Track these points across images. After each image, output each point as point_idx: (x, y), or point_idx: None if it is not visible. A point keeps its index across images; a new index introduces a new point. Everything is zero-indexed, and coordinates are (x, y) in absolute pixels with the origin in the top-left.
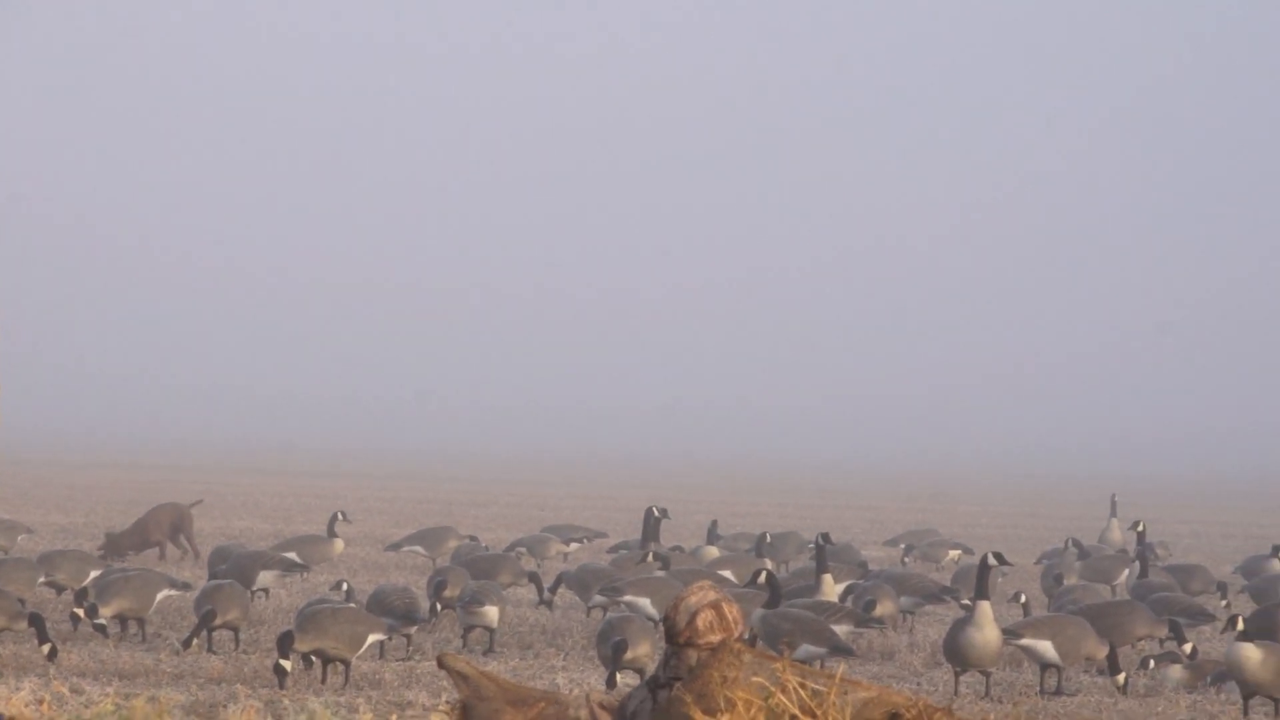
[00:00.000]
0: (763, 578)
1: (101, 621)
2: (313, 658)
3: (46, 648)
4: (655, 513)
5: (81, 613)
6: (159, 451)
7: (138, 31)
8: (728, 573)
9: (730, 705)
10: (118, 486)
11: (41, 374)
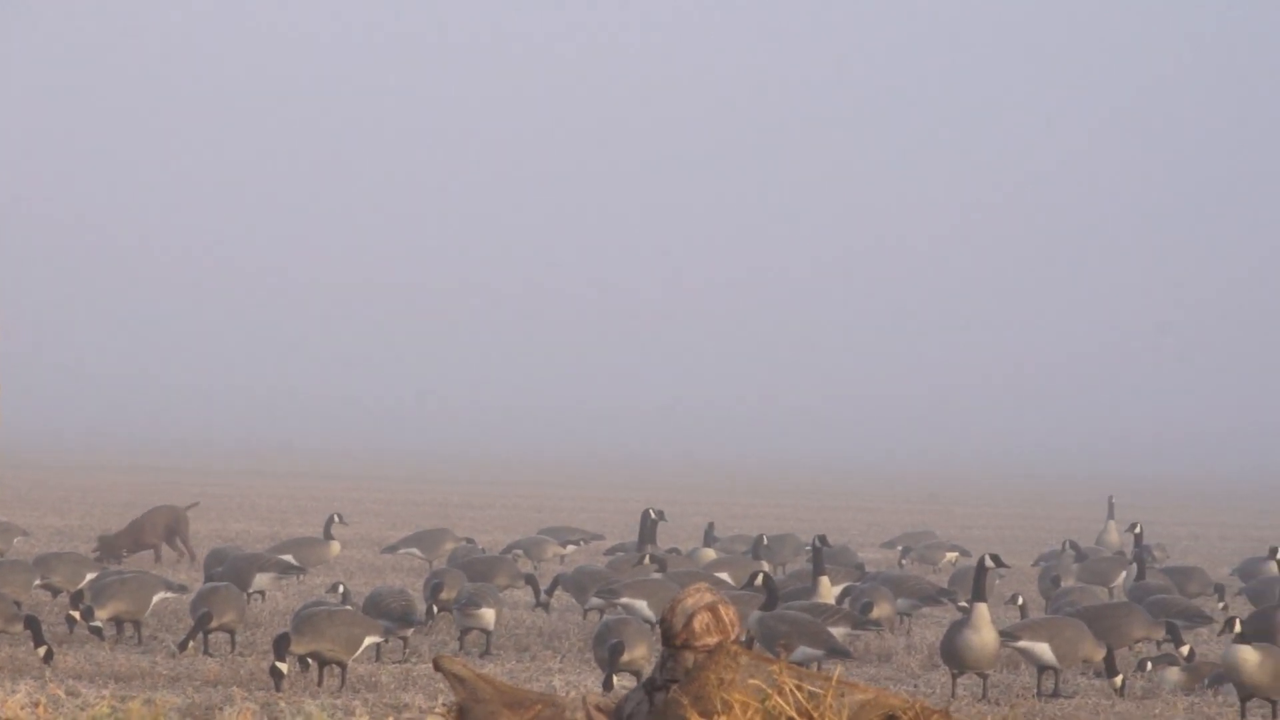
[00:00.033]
0: (759, 580)
1: (97, 624)
2: (309, 660)
3: (42, 650)
4: (652, 515)
5: (78, 615)
6: (157, 453)
7: (138, 31)
8: (724, 575)
9: (727, 707)
10: (114, 489)
11: (41, 374)
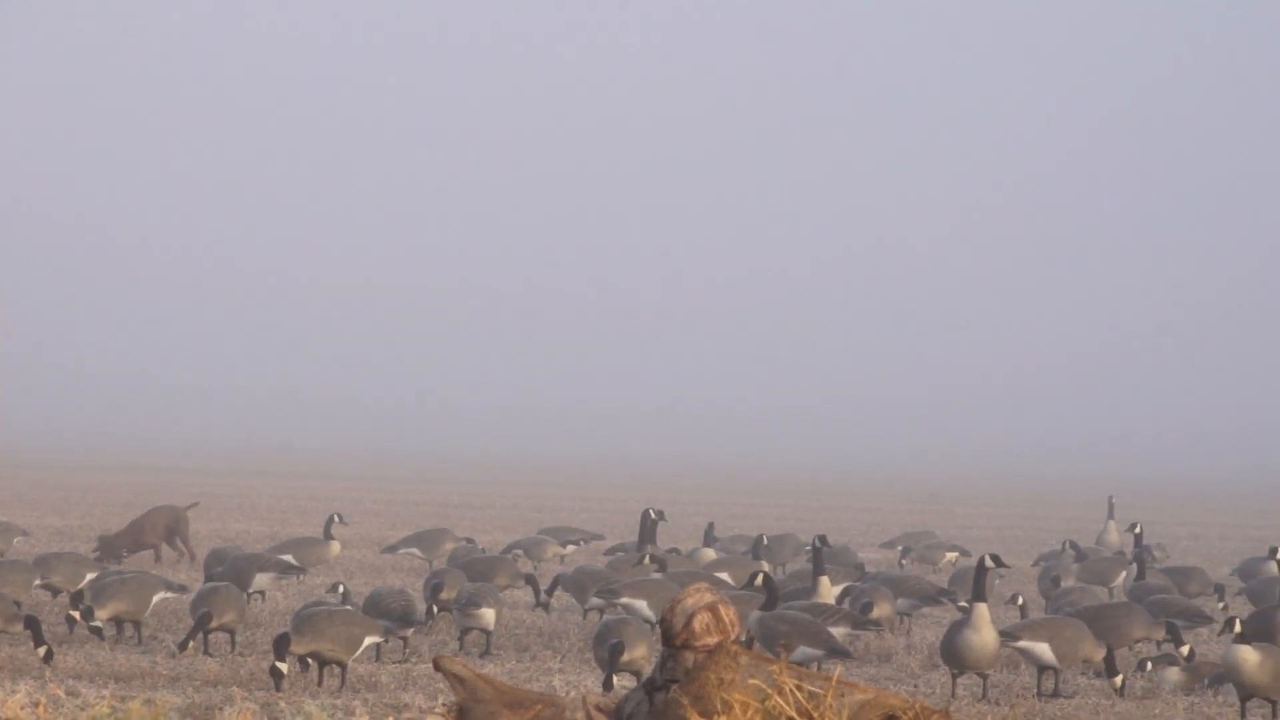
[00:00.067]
0: (759, 580)
1: (97, 624)
2: (309, 660)
3: (42, 650)
4: (652, 515)
5: (78, 615)
6: (157, 453)
7: (138, 31)
8: (724, 575)
9: (727, 707)
10: (114, 489)
11: (41, 374)
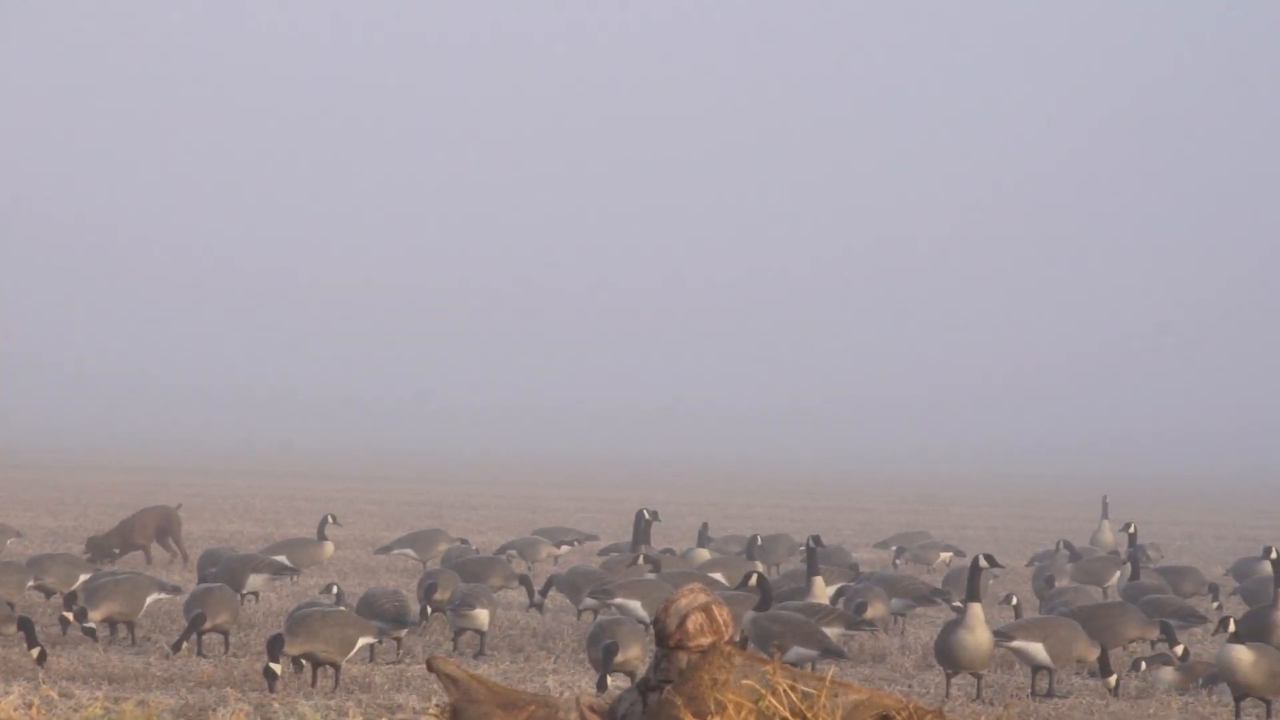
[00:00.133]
0: (753, 580)
1: (91, 625)
2: (303, 661)
3: (36, 652)
4: (646, 515)
5: (71, 616)
6: (157, 453)
7: (138, 31)
8: (718, 575)
9: (721, 708)
10: (108, 490)
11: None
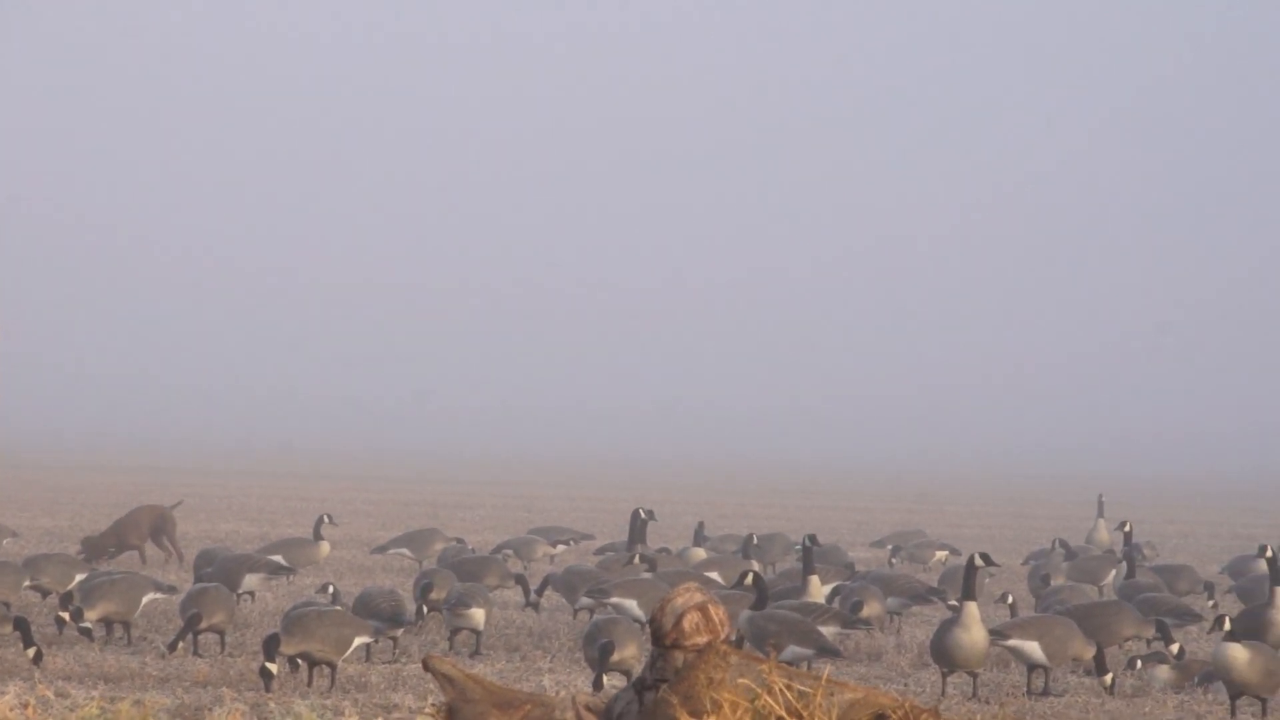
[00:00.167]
0: (749, 579)
1: (87, 625)
2: (299, 661)
3: (32, 651)
4: (642, 514)
5: (67, 616)
6: (157, 453)
7: (138, 31)
8: (714, 574)
9: (716, 707)
10: (104, 489)
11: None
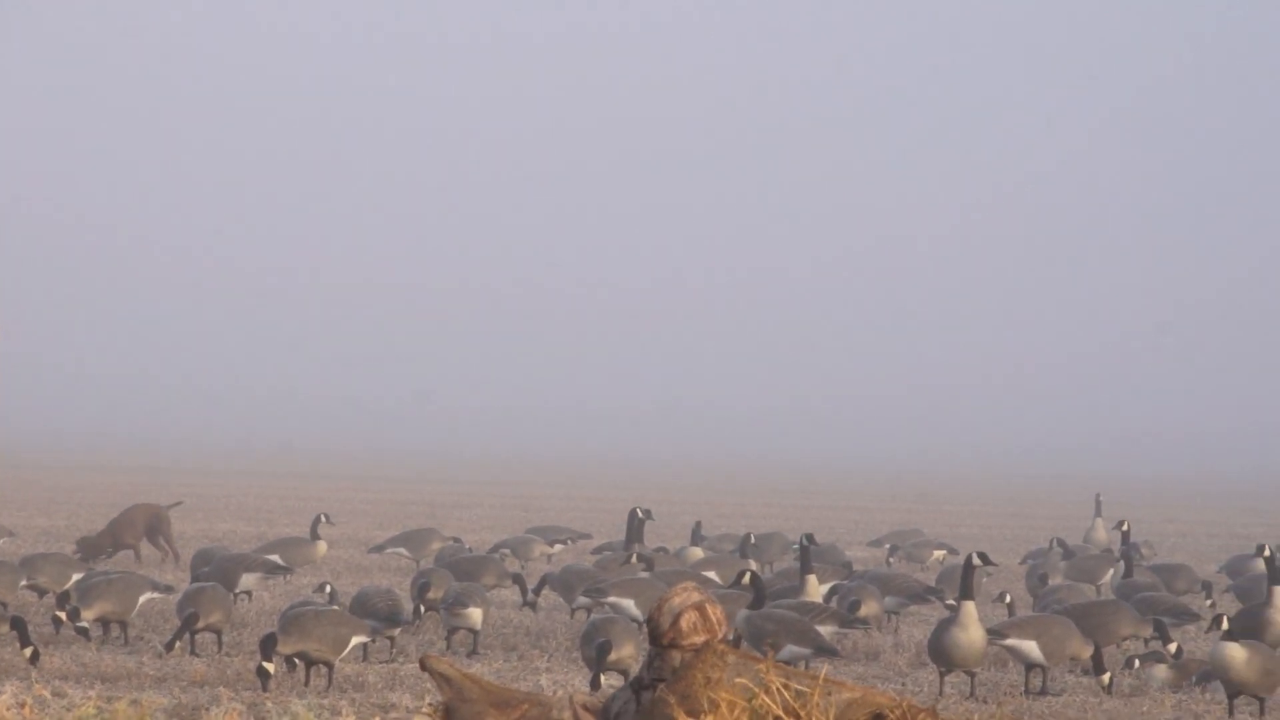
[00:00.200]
0: (747, 578)
1: (84, 624)
2: (296, 660)
3: (28, 651)
4: (639, 514)
5: (64, 616)
6: (157, 453)
7: (138, 31)
8: (712, 574)
9: (714, 706)
10: (101, 489)
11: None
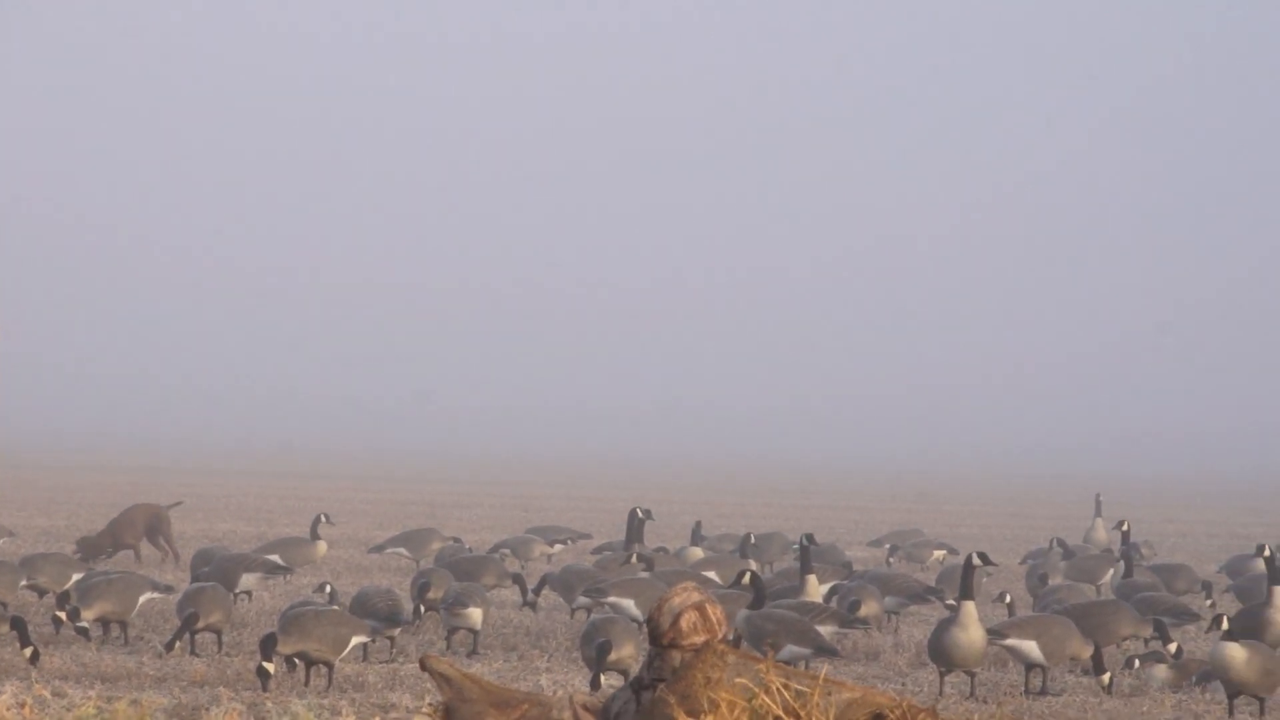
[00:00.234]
0: (747, 578)
1: (84, 624)
2: (296, 660)
3: (29, 651)
4: (639, 514)
5: (64, 616)
6: (157, 453)
7: (138, 31)
8: (712, 573)
9: (714, 706)
10: (102, 489)
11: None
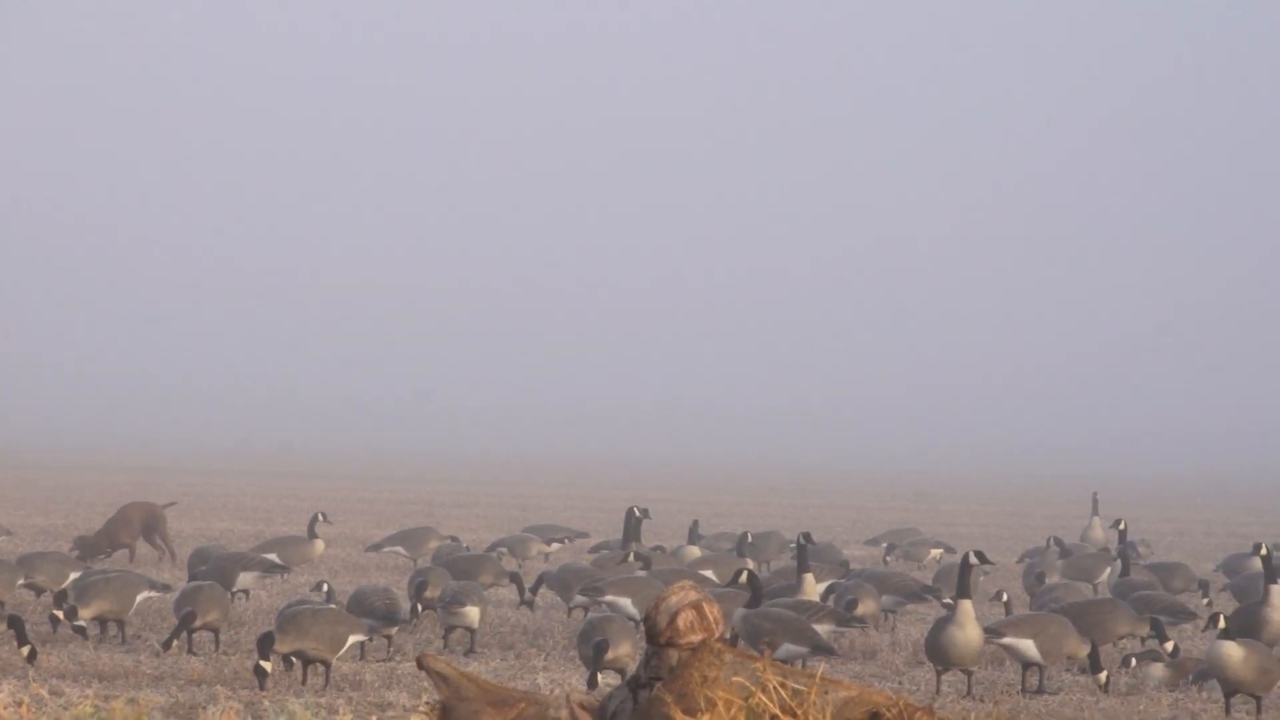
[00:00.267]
0: (744, 577)
1: (81, 623)
2: (293, 659)
3: (26, 650)
4: (636, 513)
5: (61, 615)
6: (157, 453)
7: (138, 31)
8: (709, 572)
9: (711, 705)
10: (101, 488)
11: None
